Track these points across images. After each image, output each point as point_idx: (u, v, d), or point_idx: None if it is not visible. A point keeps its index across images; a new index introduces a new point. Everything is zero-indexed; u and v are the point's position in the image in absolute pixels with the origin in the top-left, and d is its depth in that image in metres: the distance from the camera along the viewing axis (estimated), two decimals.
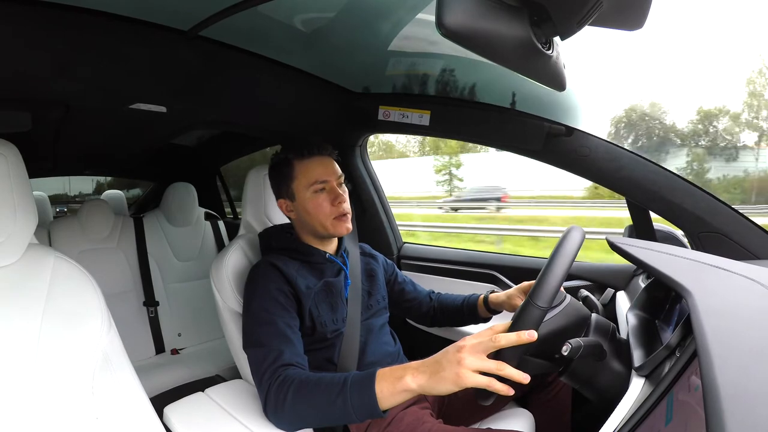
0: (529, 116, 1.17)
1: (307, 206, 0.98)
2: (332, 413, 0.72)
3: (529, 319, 0.69)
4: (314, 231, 1.01)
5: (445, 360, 0.65)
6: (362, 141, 1.64)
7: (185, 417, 0.87)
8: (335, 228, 0.98)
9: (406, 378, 0.67)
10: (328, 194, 0.98)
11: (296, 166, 0.99)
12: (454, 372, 0.62)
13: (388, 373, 0.70)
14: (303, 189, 0.98)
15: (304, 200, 0.99)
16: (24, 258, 0.73)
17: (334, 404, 0.71)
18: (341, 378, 0.73)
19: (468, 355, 0.62)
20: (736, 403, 0.36)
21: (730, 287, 0.60)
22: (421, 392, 0.67)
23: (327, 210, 0.97)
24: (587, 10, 0.46)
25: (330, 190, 0.98)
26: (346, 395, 0.70)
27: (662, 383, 0.55)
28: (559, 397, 1.03)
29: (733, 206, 1.02)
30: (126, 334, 0.82)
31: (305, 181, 0.98)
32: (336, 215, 0.98)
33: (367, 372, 0.73)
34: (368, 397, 0.69)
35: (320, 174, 0.98)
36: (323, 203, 0.97)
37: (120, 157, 2.28)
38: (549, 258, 0.73)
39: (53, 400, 0.68)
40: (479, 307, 1.12)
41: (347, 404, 0.70)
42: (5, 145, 0.72)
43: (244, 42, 1.09)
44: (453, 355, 0.64)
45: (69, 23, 0.86)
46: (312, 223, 0.99)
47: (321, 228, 0.99)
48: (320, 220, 0.98)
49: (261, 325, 0.86)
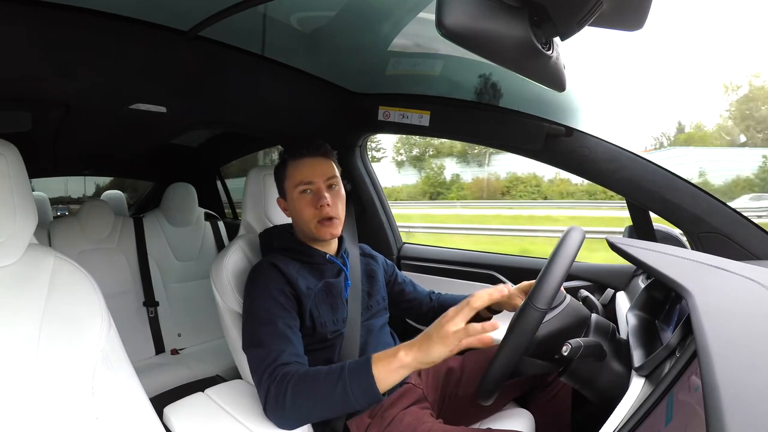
0: (529, 116, 1.17)
1: (294, 207, 0.99)
2: (332, 403, 0.74)
3: (528, 321, 0.69)
4: (303, 232, 1.01)
5: (431, 330, 0.71)
6: (362, 141, 1.64)
7: (185, 417, 0.86)
8: (318, 231, 0.97)
9: (399, 354, 0.72)
10: (312, 197, 0.97)
11: (289, 165, 1.00)
12: (439, 335, 0.69)
13: (382, 355, 0.74)
14: (291, 189, 0.99)
15: (292, 201, 0.99)
16: (24, 258, 0.73)
17: (333, 393, 0.73)
18: (338, 367, 0.75)
19: (450, 319, 0.69)
20: (736, 403, 0.36)
21: (730, 287, 0.60)
22: (415, 365, 0.71)
23: (310, 213, 0.96)
24: (587, 10, 0.46)
25: (315, 192, 0.97)
26: (345, 382, 0.72)
27: (662, 383, 0.55)
28: (559, 397, 1.03)
29: (733, 207, 1.02)
30: (126, 335, 0.82)
31: (292, 181, 0.98)
32: (319, 218, 0.96)
33: (362, 358, 0.75)
34: (367, 381, 0.72)
35: (306, 175, 0.97)
36: (306, 206, 0.97)
37: (120, 157, 2.28)
38: (549, 258, 0.73)
39: (53, 400, 0.68)
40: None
41: (347, 391, 0.72)
42: (5, 146, 0.72)
43: (244, 42, 1.09)
44: (437, 323, 0.71)
45: (69, 23, 0.86)
46: (300, 225, 1.00)
47: (306, 230, 0.99)
48: (305, 221, 0.98)
49: (261, 325, 0.86)
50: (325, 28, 1.05)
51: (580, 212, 11.08)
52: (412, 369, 0.72)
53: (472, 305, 0.69)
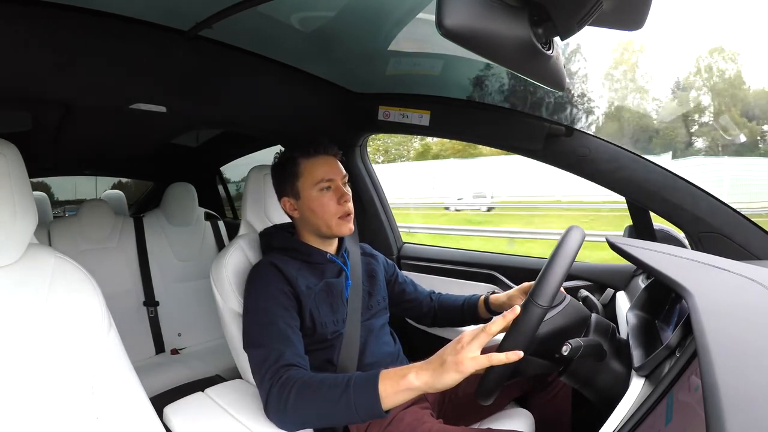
0: (529, 116, 1.17)
1: (312, 205, 0.98)
2: (335, 414, 0.73)
3: (529, 318, 0.69)
4: (317, 230, 1.01)
5: (445, 354, 0.69)
6: (362, 141, 1.64)
7: (185, 417, 0.86)
8: (339, 227, 0.98)
9: (409, 376, 0.69)
10: (333, 193, 0.98)
11: (302, 164, 0.99)
12: (454, 362, 0.66)
13: (392, 373, 0.71)
14: (309, 187, 0.98)
15: (309, 199, 0.99)
16: (24, 258, 0.72)
17: (337, 405, 0.72)
18: (344, 378, 0.74)
19: (466, 344, 0.67)
20: (736, 403, 0.36)
21: (730, 287, 0.60)
22: (425, 389, 0.69)
23: (333, 209, 0.98)
24: (587, 10, 0.46)
25: (335, 189, 0.99)
26: (350, 395, 0.71)
27: (662, 383, 0.55)
28: (559, 397, 1.03)
29: (733, 207, 1.02)
30: (126, 334, 0.82)
31: (311, 179, 0.98)
32: (341, 214, 0.98)
33: (370, 373, 0.74)
34: (372, 397, 0.70)
35: (326, 173, 0.98)
36: (329, 202, 0.98)
37: (120, 157, 2.28)
38: (549, 257, 0.73)
39: (53, 399, 0.68)
40: (479, 308, 1.12)
41: (350, 405, 0.71)
42: (5, 145, 0.71)
43: (244, 42, 1.09)
44: (452, 348, 0.68)
45: (69, 23, 0.86)
46: (316, 222, 0.99)
47: (325, 227, 0.99)
48: (325, 219, 0.98)
49: (261, 325, 0.86)
50: (325, 27, 1.05)
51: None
52: (421, 392, 0.70)
53: (489, 331, 0.68)
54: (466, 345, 0.67)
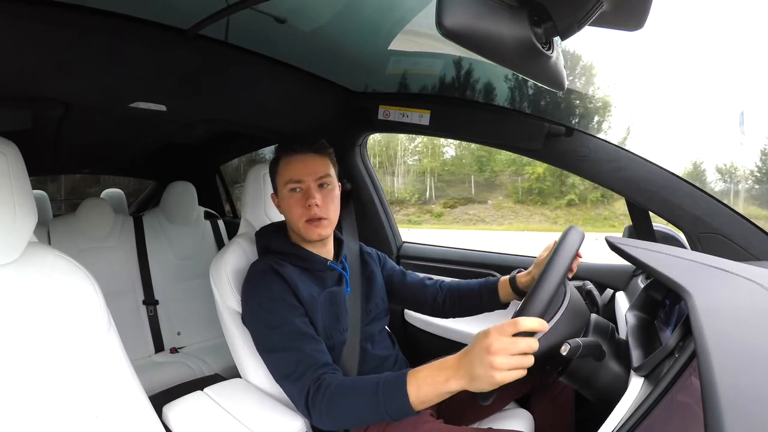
0: (529, 116, 1.17)
1: (282, 204, 0.98)
2: (369, 417, 0.76)
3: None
4: (293, 231, 0.99)
5: (477, 364, 0.66)
6: (362, 140, 1.64)
7: (184, 416, 0.87)
8: (306, 231, 0.94)
9: (449, 382, 0.69)
10: (301, 195, 0.94)
11: (280, 162, 0.97)
12: (488, 375, 0.64)
13: (426, 374, 0.71)
14: (281, 187, 0.97)
15: (281, 198, 0.98)
16: (23, 256, 0.72)
17: (368, 408, 0.73)
18: (374, 381, 0.75)
19: (498, 357, 0.64)
20: (735, 403, 0.36)
21: (730, 288, 0.60)
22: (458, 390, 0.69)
23: (298, 212, 0.94)
24: (587, 10, 0.46)
25: (304, 191, 0.94)
26: (380, 399, 0.72)
27: (661, 383, 0.55)
28: (560, 398, 1.02)
29: (733, 208, 1.02)
30: (125, 333, 0.82)
31: (283, 179, 0.96)
32: (306, 218, 0.93)
33: (397, 375, 0.74)
34: (401, 400, 0.71)
35: (295, 173, 0.94)
36: (294, 204, 0.94)
37: (120, 155, 2.28)
38: (550, 256, 0.73)
39: (53, 398, 0.68)
40: (501, 289, 1.06)
41: (380, 408, 0.72)
42: (5, 144, 0.72)
43: (244, 41, 1.09)
44: (484, 359, 0.65)
45: (69, 22, 0.86)
46: (289, 223, 0.99)
47: (295, 229, 0.97)
48: (293, 221, 0.96)
49: (275, 328, 0.85)
50: (325, 27, 1.05)
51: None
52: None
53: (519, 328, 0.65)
54: (498, 357, 0.63)
